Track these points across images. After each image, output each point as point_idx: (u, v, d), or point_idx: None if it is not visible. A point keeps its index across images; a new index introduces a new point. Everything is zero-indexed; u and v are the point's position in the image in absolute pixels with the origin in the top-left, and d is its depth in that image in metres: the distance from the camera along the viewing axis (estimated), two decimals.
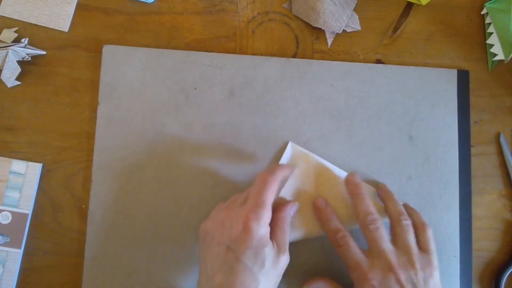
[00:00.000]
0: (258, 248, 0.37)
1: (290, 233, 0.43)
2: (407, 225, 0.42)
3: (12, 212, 0.45)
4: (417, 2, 0.50)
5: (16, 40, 0.46)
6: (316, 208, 0.44)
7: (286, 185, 0.45)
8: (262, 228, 0.37)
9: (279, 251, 0.38)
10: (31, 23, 0.47)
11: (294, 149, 0.47)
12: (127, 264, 0.45)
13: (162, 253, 0.45)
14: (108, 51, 0.47)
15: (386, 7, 0.50)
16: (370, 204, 0.42)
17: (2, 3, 0.47)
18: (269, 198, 0.39)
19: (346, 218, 0.45)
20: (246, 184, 0.46)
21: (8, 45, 0.44)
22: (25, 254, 0.45)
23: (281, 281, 0.39)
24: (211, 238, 0.39)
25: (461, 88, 0.49)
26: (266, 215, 0.38)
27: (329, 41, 0.49)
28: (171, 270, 0.45)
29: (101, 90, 0.46)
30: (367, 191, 0.44)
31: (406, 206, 0.45)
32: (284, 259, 0.39)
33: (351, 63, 0.49)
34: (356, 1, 0.49)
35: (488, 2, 0.49)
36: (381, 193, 0.45)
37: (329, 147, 0.47)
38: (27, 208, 0.45)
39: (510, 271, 0.47)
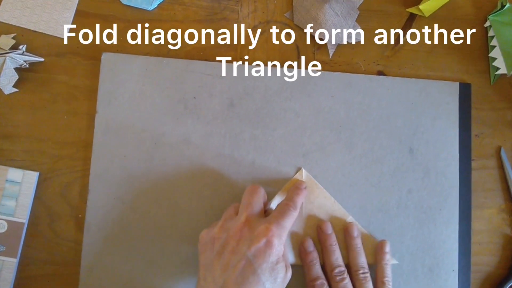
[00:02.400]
0: (274, 264, 0.38)
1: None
2: (364, 278, 0.43)
3: (8, 221, 0.44)
4: (420, 14, 0.50)
5: (14, 47, 0.46)
6: (302, 249, 0.44)
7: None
8: (281, 245, 0.39)
9: (286, 268, 0.39)
10: (29, 29, 0.47)
11: (306, 177, 0.46)
12: (124, 275, 0.44)
13: (159, 264, 0.45)
14: (107, 58, 0.46)
15: (388, 18, 0.50)
16: (339, 256, 0.44)
17: (0, 9, 0.46)
18: (289, 226, 0.41)
19: (346, 253, 0.45)
20: None
21: (5, 52, 0.44)
22: (20, 263, 0.44)
23: None
24: (222, 246, 0.39)
25: (462, 101, 0.49)
26: (285, 236, 0.40)
27: (331, 52, 0.49)
28: (168, 281, 0.45)
29: (100, 98, 0.46)
30: (336, 242, 0.45)
31: (379, 248, 0.45)
32: (289, 275, 0.39)
33: (352, 74, 0.48)
34: (358, 12, 0.49)
35: (491, 15, 0.49)
36: (347, 236, 0.45)
37: (329, 159, 0.47)
38: (23, 217, 0.44)
39: (508, 286, 0.47)
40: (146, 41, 0.48)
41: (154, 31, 0.48)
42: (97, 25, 0.48)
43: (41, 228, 0.45)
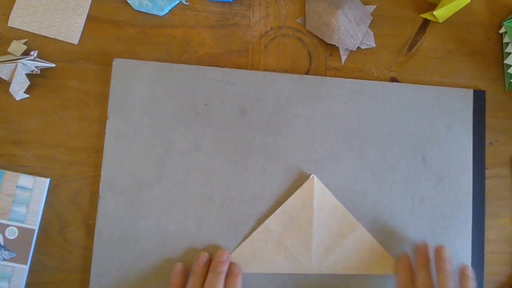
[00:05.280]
0: None
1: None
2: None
3: (18, 227, 0.44)
4: (434, 19, 0.49)
5: (25, 52, 0.45)
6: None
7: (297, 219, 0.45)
8: None
9: None
10: (40, 35, 0.47)
11: (317, 184, 0.46)
12: (134, 282, 0.44)
13: (169, 271, 0.44)
14: (118, 64, 0.46)
15: (402, 24, 0.49)
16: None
17: (11, 14, 0.46)
18: None
19: (356, 263, 0.45)
20: (254, 203, 0.45)
21: (17, 58, 0.44)
22: (31, 270, 0.44)
23: None
24: None
25: (477, 108, 0.48)
26: None
27: (343, 58, 0.48)
28: None
29: (111, 104, 0.46)
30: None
31: (463, 270, 0.43)
32: None
33: (364, 81, 0.48)
34: (371, 18, 0.48)
35: (506, 21, 0.48)
36: (438, 259, 0.43)
37: (340, 167, 0.47)
38: (33, 223, 0.44)
39: None
40: (157, 47, 0.47)
41: (165, 37, 0.48)
42: (109, 31, 0.47)
43: (51, 234, 0.45)
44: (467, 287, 0.42)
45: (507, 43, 0.49)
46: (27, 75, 0.44)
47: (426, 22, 0.49)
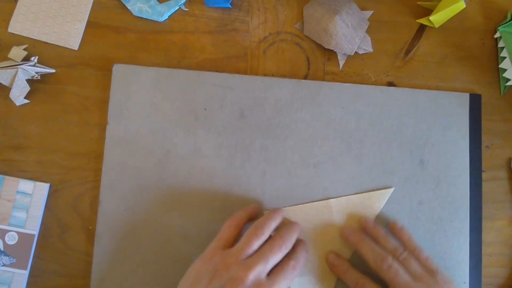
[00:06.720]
0: None
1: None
2: (405, 257, 0.42)
3: (18, 233, 0.44)
4: (430, 25, 0.50)
5: (26, 58, 0.46)
6: (330, 264, 0.45)
7: None
8: None
9: None
10: (41, 41, 0.47)
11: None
12: (134, 286, 0.44)
13: (170, 276, 0.45)
14: (118, 70, 0.46)
15: (398, 29, 0.50)
16: (375, 246, 0.43)
17: (11, 20, 0.47)
18: (275, 259, 0.39)
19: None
20: None
21: (17, 63, 0.44)
22: (31, 275, 0.44)
23: None
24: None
25: (473, 112, 0.49)
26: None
27: (341, 63, 0.49)
28: None
29: (111, 109, 0.46)
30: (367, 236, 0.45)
31: (393, 227, 0.45)
32: None
33: (362, 85, 0.48)
34: (368, 23, 0.49)
35: (501, 26, 0.49)
36: (370, 231, 0.45)
37: (339, 170, 0.47)
38: (33, 228, 0.44)
39: None
40: (157, 52, 0.48)
41: (165, 42, 0.48)
42: (109, 37, 0.48)
43: (51, 239, 0.45)
44: (403, 235, 0.44)
45: (502, 48, 0.49)
46: (28, 80, 0.45)
47: (422, 27, 0.50)
